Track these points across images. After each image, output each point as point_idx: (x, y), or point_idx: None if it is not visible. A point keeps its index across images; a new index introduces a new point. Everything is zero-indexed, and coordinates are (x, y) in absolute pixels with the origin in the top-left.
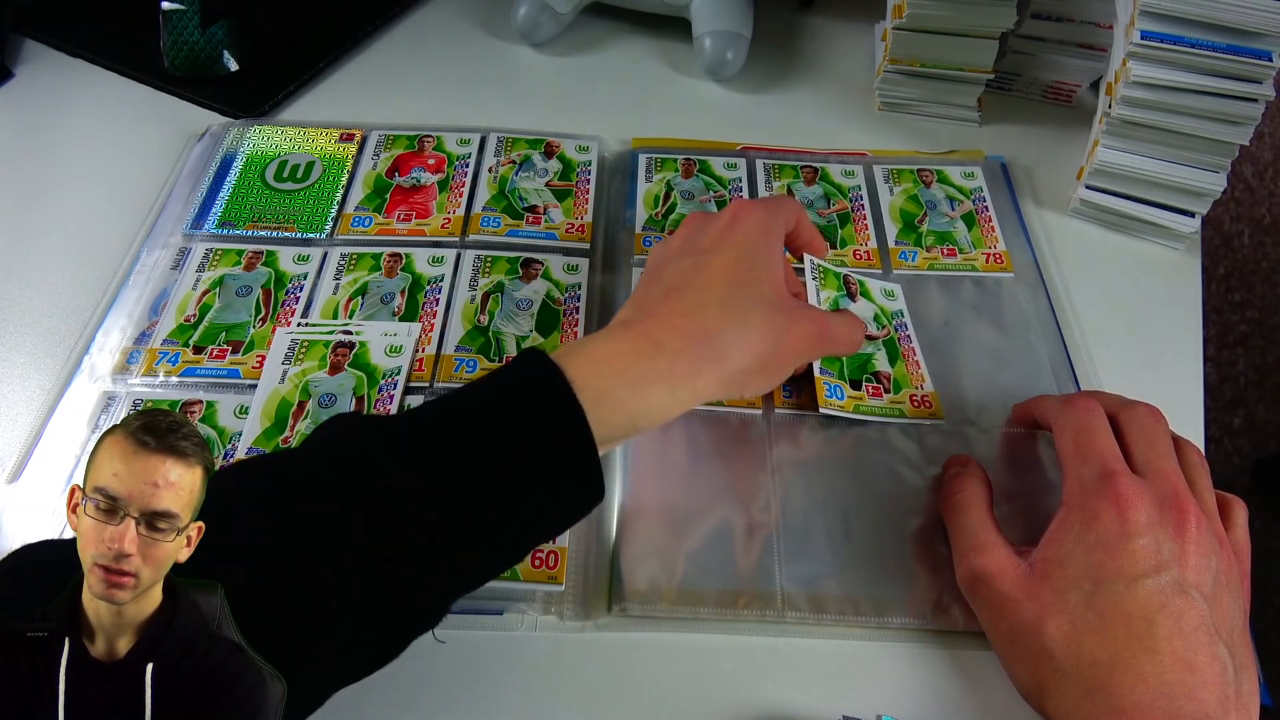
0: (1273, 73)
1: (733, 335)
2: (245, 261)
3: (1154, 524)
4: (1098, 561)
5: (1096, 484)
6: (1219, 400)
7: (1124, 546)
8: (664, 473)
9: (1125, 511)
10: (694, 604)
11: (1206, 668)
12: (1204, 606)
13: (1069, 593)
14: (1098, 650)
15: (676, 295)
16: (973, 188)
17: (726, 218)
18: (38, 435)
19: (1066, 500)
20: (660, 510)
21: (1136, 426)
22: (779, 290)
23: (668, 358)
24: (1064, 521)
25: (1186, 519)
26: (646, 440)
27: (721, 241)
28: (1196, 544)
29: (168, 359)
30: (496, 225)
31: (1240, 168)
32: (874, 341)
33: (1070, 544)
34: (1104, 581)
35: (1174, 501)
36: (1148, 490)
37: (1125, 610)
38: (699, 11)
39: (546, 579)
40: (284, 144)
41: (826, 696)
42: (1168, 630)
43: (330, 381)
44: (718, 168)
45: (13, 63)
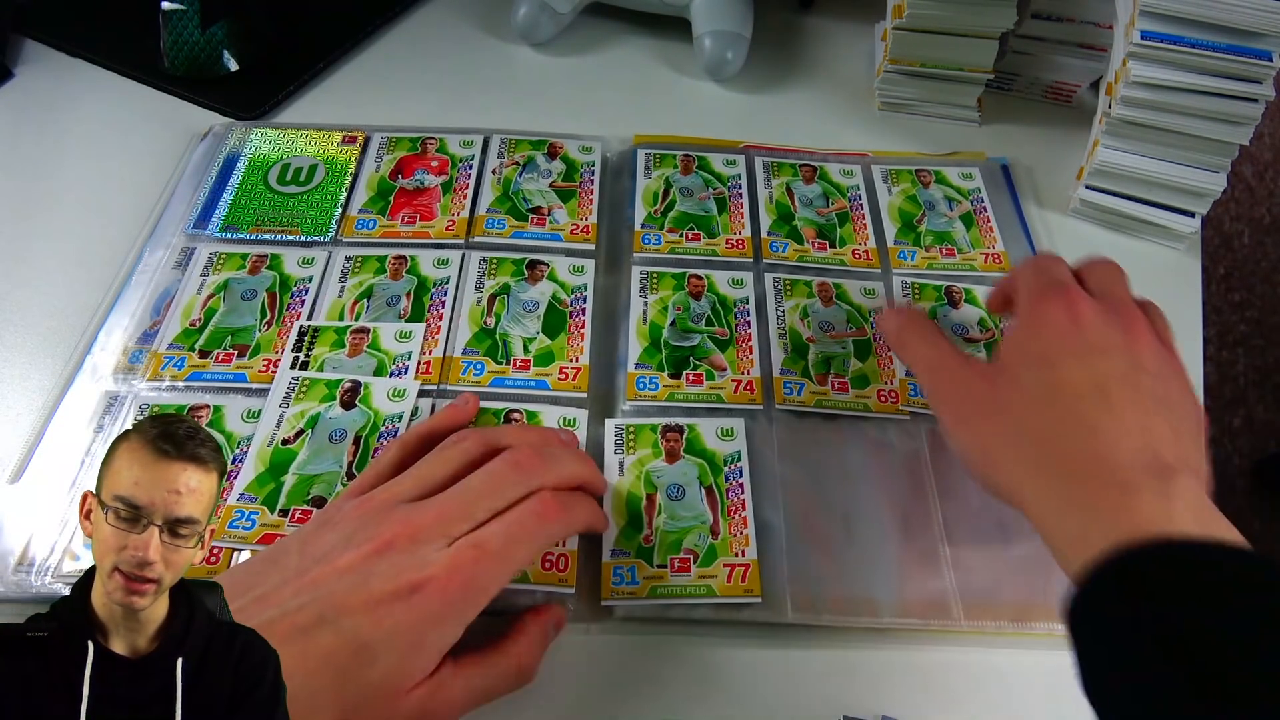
0: (1273, 73)
1: None
2: (250, 265)
3: (1103, 322)
4: (1050, 347)
5: (1047, 290)
6: (1219, 400)
7: (1075, 333)
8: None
9: (1074, 309)
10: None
11: (1161, 428)
12: (1158, 385)
13: (1023, 373)
14: (1053, 419)
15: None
16: (970, 188)
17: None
18: (40, 435)
19: (1019, 311)
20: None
21: (1094, 273)
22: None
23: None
24: (1018, 327)
25: (1136, 322)
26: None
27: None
28: (1146, 342)
29: (174, 364)
30: (501, 227)
31: (1240, 168)
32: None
33: (1023, 339)
34: (1057, 362)
35: (1123, 310)
36: (1098, 302)
37: (1078, 382)
38: (699, 11)
39: (557, 581)
40: (286, 147)
41: (827, 696)
42: (1122, 399)
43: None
44: (717, 164)
45: (13, 63)
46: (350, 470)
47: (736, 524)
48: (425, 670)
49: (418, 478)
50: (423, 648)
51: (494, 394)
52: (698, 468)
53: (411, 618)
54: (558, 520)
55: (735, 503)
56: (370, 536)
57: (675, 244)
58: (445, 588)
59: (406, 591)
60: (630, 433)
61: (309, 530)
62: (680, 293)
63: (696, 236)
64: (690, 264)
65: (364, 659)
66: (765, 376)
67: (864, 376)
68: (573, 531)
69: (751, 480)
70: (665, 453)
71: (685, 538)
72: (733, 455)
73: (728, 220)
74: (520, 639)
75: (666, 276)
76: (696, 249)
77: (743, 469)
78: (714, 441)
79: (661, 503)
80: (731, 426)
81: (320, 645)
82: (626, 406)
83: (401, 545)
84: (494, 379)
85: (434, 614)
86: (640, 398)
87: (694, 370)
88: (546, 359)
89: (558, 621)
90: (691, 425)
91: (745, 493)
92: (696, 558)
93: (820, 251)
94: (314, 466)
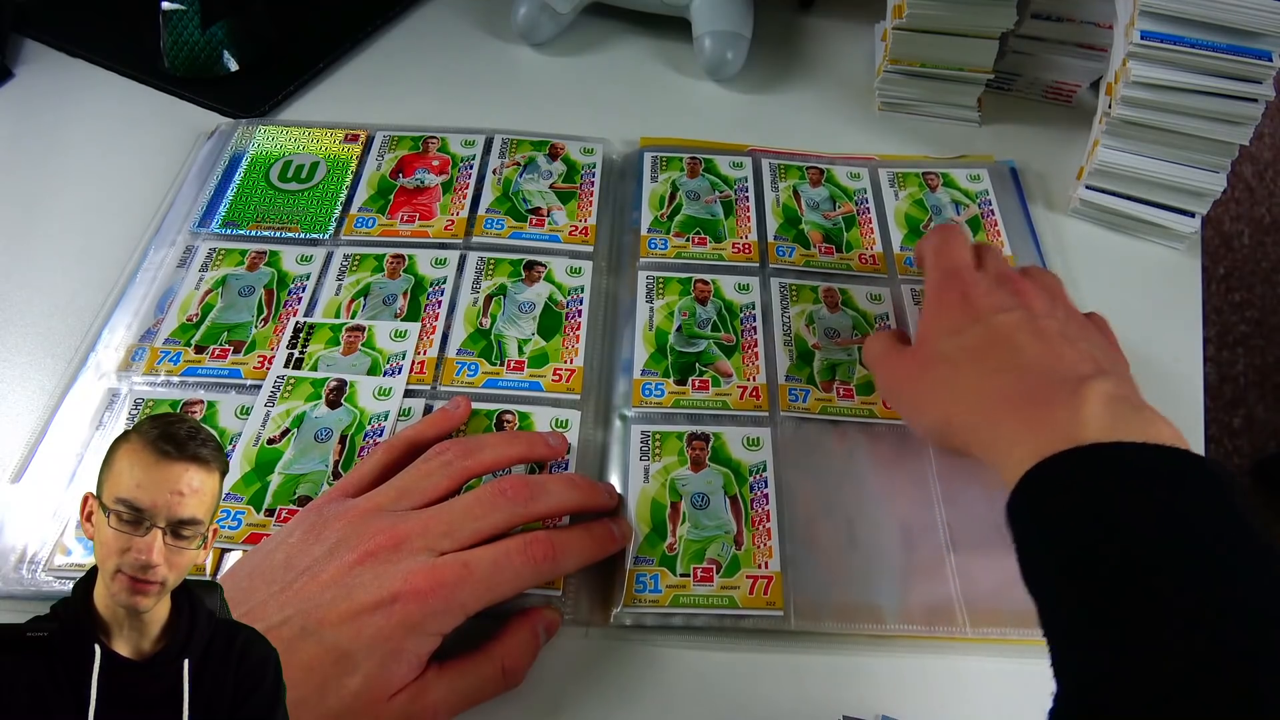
0: (1273, 73)
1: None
2: (248, 261)
3: (993, 290)
4: (955, 321)
5: (944, 279)
6: (1219, 400)
7: (972, 305)
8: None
9: (967, 289)
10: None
11: (1071, 353)
12: (1052, 324)
13: (940, 344)
14: (976, 374)
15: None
16: (978, 191)
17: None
18: (43, 431)
19: (925, 298)
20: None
21: (984, 247)
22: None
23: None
24: (925, 311)
25: (1023, 287)
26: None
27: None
28: (1035, 296)
29: (169, 358)
30: (500, 227)
31: (1240, 168)
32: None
33: (931, 319)
34: (964, 329)
35: (1008, 280)
36: (986, 277)
37: (989, 340)
38: (699, 11)
39: (543, 585)
40: (289, 144)
41: (827, 701)
42: (1028, 340)
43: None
44: (723, 167)
45: (13, 63)
46: (336, 470)
47: (760, 535)
48: (406, 677)
49: (400, 489)
50: (402, 655)
51: (487, 395)
52: (723, 476)
53: (391, 625)
54: (546, 562)
55: (760, 513)
56: (353, 547)
57: (681, 248)
58: (426, 598)
59: (388, 601)
60: (656, 439)
61: (295, 539)
62: (686, 298)
63: (703, 241)
64: (696, 269)
65: (344, 668)
66: (770, 383)
67: (869, 383)
68: (563, 573)
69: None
70: (690, 460)
71: (709, 547)
72: (758, 465)
73: (734, 224)
74: (507, 642)
75: (673, 281)
76: (703, 253)
77: (768, 479)
78: (739, 451)
79: (686, 511)
80: (758, 436)
81: (302, 657)
82: (632, 413)
83: (384, 555)
84: (488, 380)
85: (414, 622)
86: (646, 404)
87: (700, 376)
88: (541, 360)
89: (549, 625)
90: (717, 434)
91: (770, 503)
92: (720, 568)
93: (827, 256)
94: (300, 466)
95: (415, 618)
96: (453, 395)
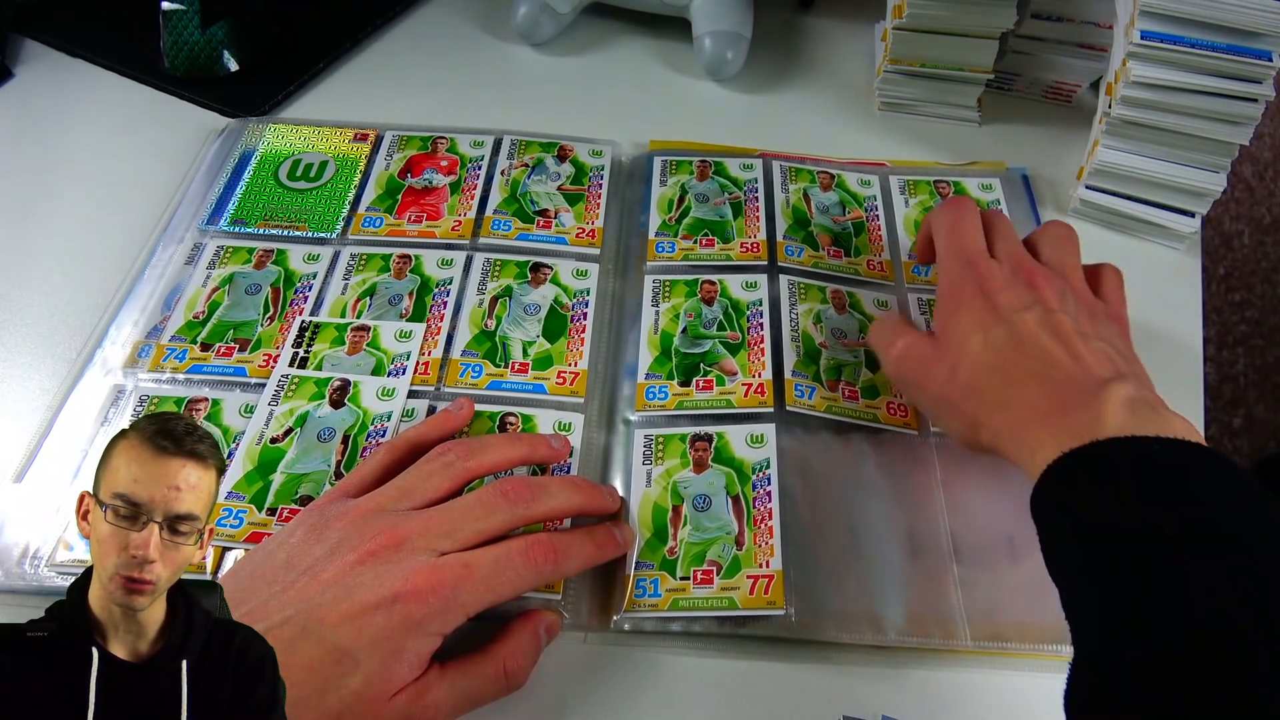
0: (1273, 73)
1: None
2: (255, 260)
3: (1010, 284)
4: (977, 317)
5: (961, 271)
6: (1219, 400)
7: (992, 301)
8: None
9: (984, 283)
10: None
11: (1090, 355)
12: (1072, 323)
13: (967, 343)
14: (1004, 382)
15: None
16: (990, 200)
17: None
18: (48, 427)
19: (940, 289)
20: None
21: (994, 222)
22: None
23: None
24: (942, 300)
25: (1035, 277)
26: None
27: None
28: (1049, 288)
29: (175, 355)
30: (507, 229)
31: (1240, 168)
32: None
33: (950, 313)
34: (990, 327)
35: (1022, 270)
36: (1002, 268)
37: (1013, 343)
38: (699, 11)
39: (543, 586)
40: (298, 143)
41: (826, 702)
42: (1050, 343)
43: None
44: (733, 169)
45: (13, 63)
46: (339, 469)
47: (762, 534)
48: (407, 676)
49: (402, 489)
50: (403, 654)
51: (491, 397)
52: (725, 476)
53: (392, 624)
54: (547, 564)
55: (762, 512)
56: (354, 546)
57: (689, 250)
58: (427, 597)
59: (389, 600)
60: (659, 443)
61: (296, 539)
62: (692, 299)
63: (711, 242)
64: (703, 269)
65: (345, 667)
66: (776, 379)
67: (874, 387)
68: (564, 576)
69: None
70: (693, 462)
71: (710, 549)
72: (762, 463)
73: (743, 224)
74: (508, 643)
75: (679, 284)
76: (710, 254)
77: (771, 476)
78: (743, 449)
79: (687, 514)
80: (761, 433)
81: (303, 656)
82: (635, 417)
83: (385, 555)
84: (491, 381)
85: (415, 621)
86: (649, 407)
87: (704, 376)
88: (545, 363)
89: (550, 627)
90: (720, 433)
91: (773, 501)
92: (720, 569)
93: (835, 259)
94: (302, 465)
95: (416, 617)
96: (456, 396)
